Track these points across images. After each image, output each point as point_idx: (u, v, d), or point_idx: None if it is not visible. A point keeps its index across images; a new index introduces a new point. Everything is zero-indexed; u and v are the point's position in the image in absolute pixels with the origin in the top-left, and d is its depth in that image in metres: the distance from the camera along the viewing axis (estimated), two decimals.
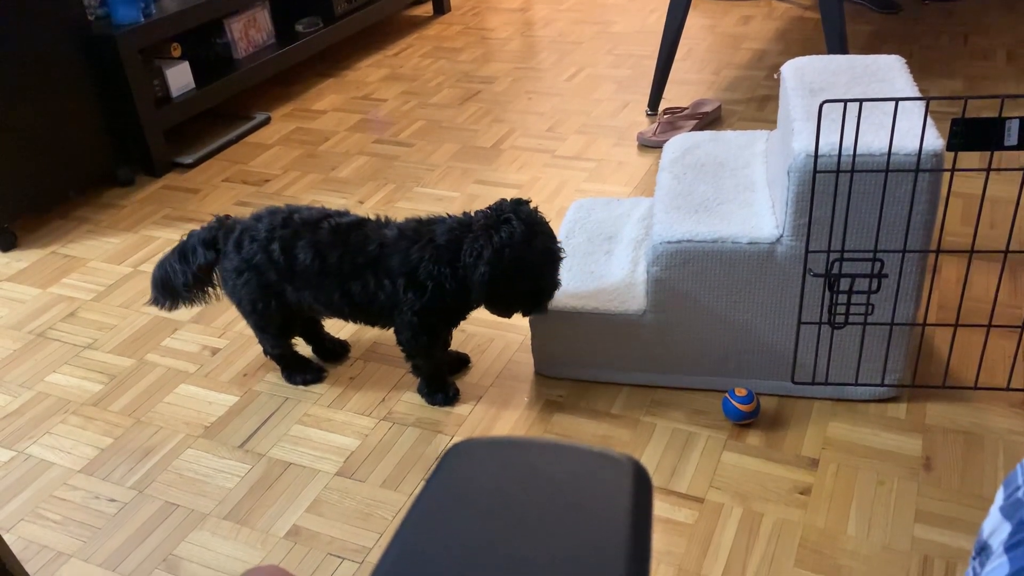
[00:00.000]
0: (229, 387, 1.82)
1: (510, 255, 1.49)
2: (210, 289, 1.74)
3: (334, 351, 1.87)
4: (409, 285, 1.57)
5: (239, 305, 1.72)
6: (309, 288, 1.63)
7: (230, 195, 2.58)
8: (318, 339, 1.86)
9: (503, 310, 1.59)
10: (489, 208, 1.55)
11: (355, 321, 1.70)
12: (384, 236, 1.59)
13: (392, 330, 1.67)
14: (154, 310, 2.07)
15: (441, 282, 1.55)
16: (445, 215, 1.61)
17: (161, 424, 1.74)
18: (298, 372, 1.81)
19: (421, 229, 1.59)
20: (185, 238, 1.72)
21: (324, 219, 1.62)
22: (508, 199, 1.56)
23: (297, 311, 1.70)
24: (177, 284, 1.71)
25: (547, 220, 1.56)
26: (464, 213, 1.59)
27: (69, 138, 2.49)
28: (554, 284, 1.59)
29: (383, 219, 1.64)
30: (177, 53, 2.81)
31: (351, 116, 3.03)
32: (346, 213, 1.66)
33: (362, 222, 1.63)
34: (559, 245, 1.57)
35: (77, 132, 2.51)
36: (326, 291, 1.62)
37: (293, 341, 1.81)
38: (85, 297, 2.16)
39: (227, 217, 1.71)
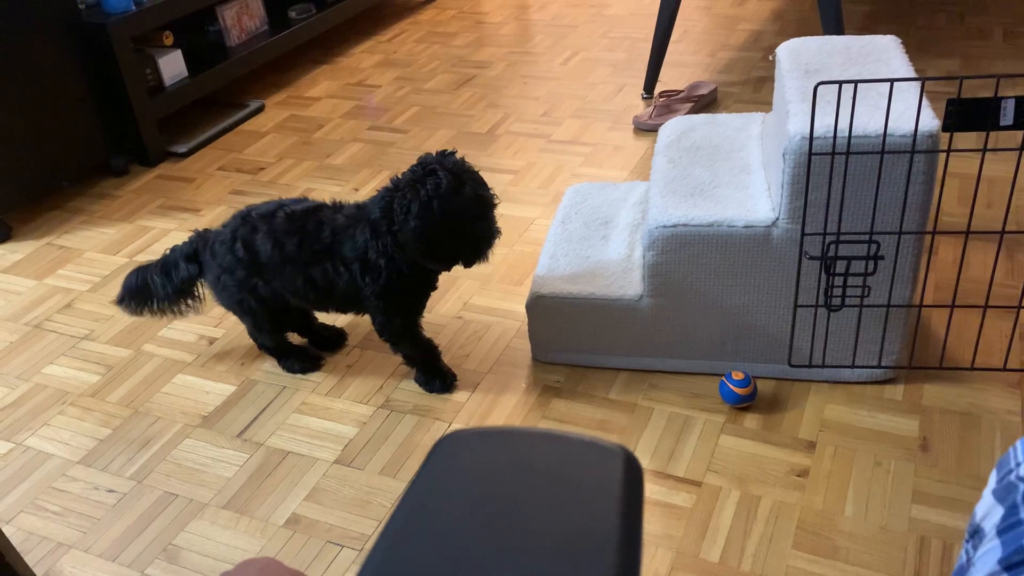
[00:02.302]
0: (226, 376, 1.82)
1: (439, 206, 1.47)
2: (191, 302, 1.78)
3: (330, 339, 1.87)
4: (364, 270, 1.57)
5: (229, 308, 1.75)
6: (276, 278, 1.64)
7: (225, 184, 2.57)
8: (311, 330, 1.86)
9: (444, 262, 1.58)
10: (414, 165, 1.54)
11: (329, 309, 1.70)
12: (335, 222, 1.60)
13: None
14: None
15: (391, 256, 1.55)
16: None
17: (159, 414, 1.74)
18: (295, 360, 1.81)
19: (360, 211, 1.60)
20: (167, 253, 1.74)
21: (279, 209, 1.64)
22: (433, 152, 1.55)
23: (280, 303, 1.70)
24: (157, 295, 1.74)
25: (475, 169, 1.55)
26: (392, 178, 1.56)
27: (62, 128, 2.48)
28: (490, 231, 1.56)
29: (338, 203, 1.65)
30: (169, 41, 2.79)
31: (345, 103, 3.01)
32: (304, 200, 1.67)
33: (317, 208, 1.64)
34: (490, 192, 1.56)
35: (70, 122, 2.50)
36: (291, 279, 1.63)
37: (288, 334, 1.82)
38: (81, 288, 2.15)
39: (206, 231, 1.73)
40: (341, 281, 1.60)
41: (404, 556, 0.47)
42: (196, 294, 1.77)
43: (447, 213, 1.48)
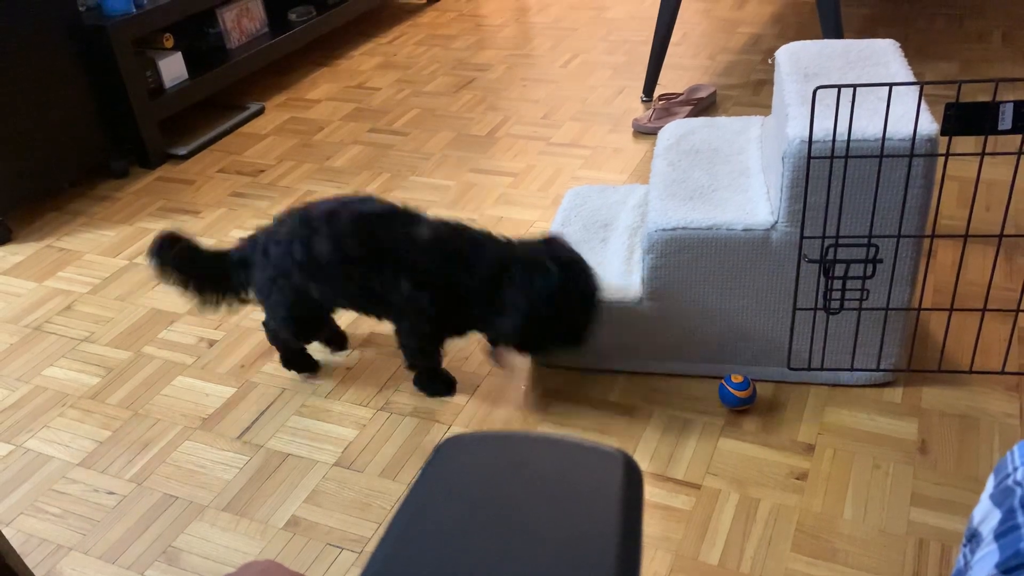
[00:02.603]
0: (226, 379, 1.82)
1: (546, 308, 1.49)
2: (225, 302, 1.72)
3: (337, 341, 1.87)
4: (437, 297, 1.54)
5: (274, 309, 1.68)
6: (332, 283, 1.59)
7: (225, 186, 2.57)
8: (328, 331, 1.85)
9: (533, 350, 1.61)
10: (526, 243, 1.54)
11: (372, 315, 1.67)
12: (415, 234, 1.54)
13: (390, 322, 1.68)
14: (149, 303, 2.07)
15: (468, 301, 1.53)
16: (481, 231, 1.57)
17: (159, 416, 1.74)
18: (298, 364, 1.80)
19: (458, 242, 1.55)
20: (224, 254, 1.68)
21: (342, 207, 1.57)
22: (545, 238, 1.56)
23: (327, 310, 1.69)
24: (199, 284, 1.68)
25: (583, 259, 1.55)
26: (502, 239, 1.56)
27: (62, 130, 2.48)
28: (589, 328, 1.57)
29: (413, 211, 1.59)
30: (170, 44, 2.80)
31: (345, 105, 3.02)
32: (370, 199, 1.61)
33: (392, 214, 1.58)
34: (597, 287, 1.55)
35: (70, 124, 2.50)
36: (348, 284, 1.58)
37: None
38: (81, 290, 2.16)
39: (254, 236, 1.67)
40: (399, 295, 1.55)
41: (405, 560, 0.47)
42: (238, 298, 1.72)
43: (551, 312, 1.49)
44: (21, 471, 1.64)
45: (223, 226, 2.37)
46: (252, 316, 2.00)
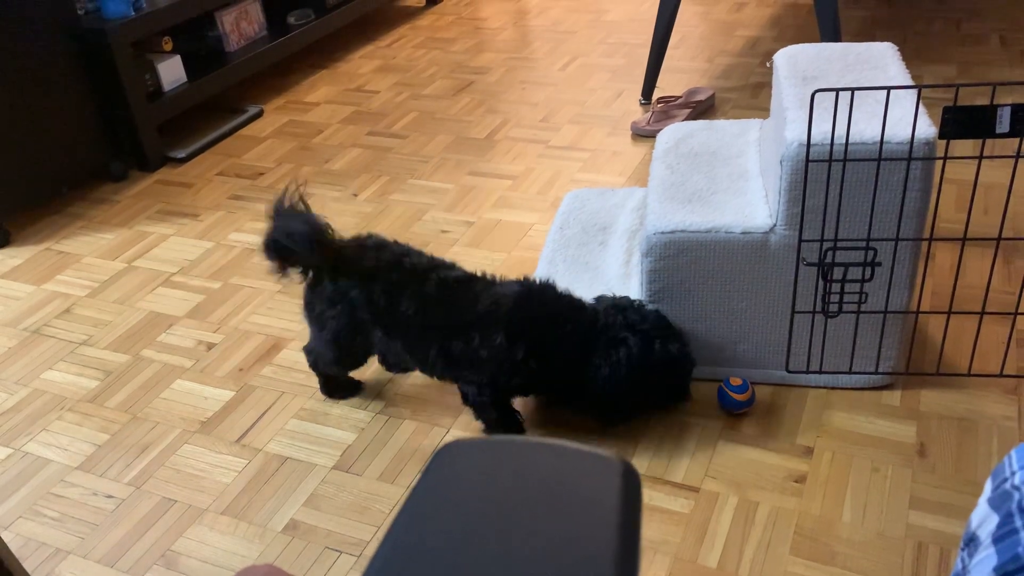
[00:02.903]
0: (225, 382, 1.82)
1: (625, 376, 1.49)
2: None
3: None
4: (529, 354, 1.49)
5: (319, 331, 1.63)
6: (404, 339, 1.56)
7: (224, 189, 2.57)
8: None
9: (613, 415, 1.60)
10: (611, 310, 1.54)
11: (437, 376, 1.62)
12: (499, 294, 1.52)
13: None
14: (148, 306, 2.08)
15: (553, 360, 1.51)
16: (572, 298, 1.56)
17: (158, 420, 1.74)
18: (340, 390, 1.75)
19: (550, 297, 1.54)
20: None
21: (433, 271, 1.54)
22: (625, 303, 1.55)
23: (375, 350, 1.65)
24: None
25: (669, 324, 1.56)
26: (590, 304, 1.57)
27: (61, 133, 2.48)
28: (680, 389, 1.59)
29: (490, 277, 1.57)
30: (168, 47, 2.80)
31: (344, 108, 3.02)
32: (453, 266, 1.59)
33: (471, 279, 1.56)
34: (683, 348, 1.55)
35: (69, 127, 2.50)
36: (422, 345, 1.54)
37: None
38: (80, 293, 2.16)
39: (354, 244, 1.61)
40: (486, 351, 1.50)
41: (403, 565, 0.47)
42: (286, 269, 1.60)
43: (633, 380, 1.50)
44: (19, 475, 1.64)
45: (222, 229, 2.37)
46: (250, 320, 2.00)
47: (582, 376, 1.52)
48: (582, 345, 1.51)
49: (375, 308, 1.54)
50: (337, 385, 1.75)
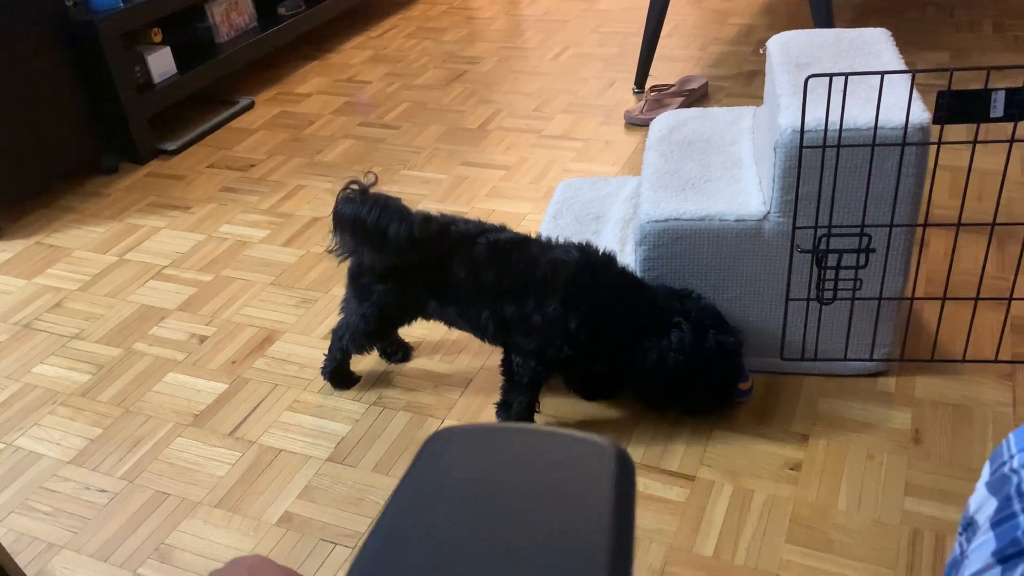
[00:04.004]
0: (218, 375, 1.81)
1: (674, 360, 1.47)
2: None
3: (402, 350, 1.81)
4: (582, 326, 1.46)
5: (361, 302, 1.59)
6: (457, 304, 1.54)
7: (215, 181, 2.56)
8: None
9: (652, 403, 1.60)
10: (669, 296, 1.53)
11: (488, 340, 1.59)
12: (558, 260, 1.48)
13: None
14: (139, 299, 2.06)
15: (606, 337, 1.49)
16: (633, 276, 1.54)
17: (150, 413, 1.73)
18: (340, 379, 1.75)
19: (610, 270, 1.51)
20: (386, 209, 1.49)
21: (482, 234, 1.51)
22: (683, 292, 1.54)
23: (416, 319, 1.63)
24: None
25: (719, 314, 1.53)
26: (649, 287, 1.55)
27: (51, 127, 2.46)
28: (730, 382, 1.56)
29: (546, 239, 1.54)
30: (158, 38, 2.78)
31: (336, 99, 3.00)
32: (504, 228, 1.55)
33: (526, 240, 1.53)
34: (735, 338, 1.52)
35: (59, 120, 2.48)
36: (475, 308, 1.52)
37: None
38: (71, 287, 2.14)
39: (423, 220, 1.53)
40: (541, 317, 1.47)
41: (393, 556, 0.46)
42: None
43: (683, 368, 1.48)
44: (11, 469, 1.63)
45: (214, 221, 2.36)
46: (243, 312, 1.99)
47: (629, 358, 1.50)
48: (636, 326, 1.49)
49: (427, 280, 1.53)
50: (340, 372, 1.73)
